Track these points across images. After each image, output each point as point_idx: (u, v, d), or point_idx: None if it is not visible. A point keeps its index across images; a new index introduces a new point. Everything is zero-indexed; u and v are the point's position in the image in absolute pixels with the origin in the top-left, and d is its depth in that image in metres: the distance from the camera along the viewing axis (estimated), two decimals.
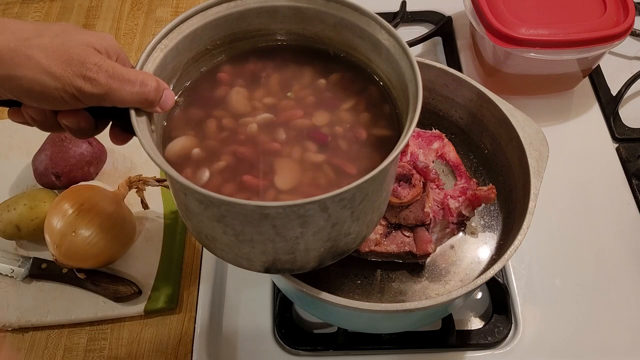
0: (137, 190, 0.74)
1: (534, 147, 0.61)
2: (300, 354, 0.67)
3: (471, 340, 0.67)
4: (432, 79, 0.68)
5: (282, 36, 0.56)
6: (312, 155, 0.49)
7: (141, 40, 1.02)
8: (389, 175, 0.49)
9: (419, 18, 1.00)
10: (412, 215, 0.60)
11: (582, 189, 0.79)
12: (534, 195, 0.57)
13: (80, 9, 1.08)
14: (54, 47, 0.42)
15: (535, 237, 0.73)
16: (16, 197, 0.74)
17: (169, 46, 0.49)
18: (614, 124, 0.85)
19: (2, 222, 0.72)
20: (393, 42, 0.49)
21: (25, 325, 0.70)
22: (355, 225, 0.48)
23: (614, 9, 0.78)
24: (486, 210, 0.66)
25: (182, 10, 1.08)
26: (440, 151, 0.67)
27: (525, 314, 0.69)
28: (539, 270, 0.72)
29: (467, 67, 0.93)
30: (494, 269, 0.53)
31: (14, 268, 0.72)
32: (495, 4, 0.78)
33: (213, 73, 0.55)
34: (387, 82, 0.53)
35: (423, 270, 0.62)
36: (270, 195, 0.46)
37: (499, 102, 0.64)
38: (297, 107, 0.52)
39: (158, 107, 0.46)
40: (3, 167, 0.83)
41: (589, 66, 0.84)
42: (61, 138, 0.77)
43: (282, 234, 0.44)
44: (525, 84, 0.86)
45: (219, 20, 0.52)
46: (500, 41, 0.76)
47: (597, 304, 0.70)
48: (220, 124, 0.51)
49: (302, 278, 0.53)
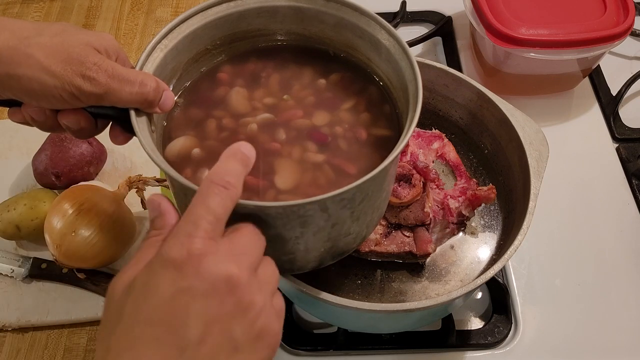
0: (137, 190, 0.74)
1: (534, 147, 0.61)
2: (300, 354, 0.67)
3: (471, 340, 0.67)
4: (432, 79, 0.68)
5: (282, 36, 0.56)
6: (312, 155, 0.49)
7: (141, 40, 1.02)
8: (389, 175, 0.49)
9: (419, 18, 1.00)
10: (412, 215, 0.60)
11: (582, 189, 0.79)
12: (534, 195, 0.57)
13: (80, 9, 1.08)
14: (53, 46, 0.42)
15: (535, 237, 0.73)
16: (16, 197, 0.74)
17: (169, 46, 0.49)
18: (614, 124, 0.85)
19: (2, 222, 0.72)
20: (393, 42, 0.49)
21: (25, 325, 0.70)
22: (355, 225, 0.48)
23: (614, 9, 0.78)
24: (486, 210, 0.66)
25: (182, 10, 1.08)
26: (440, 151, 0.67)
27: (525, 314, 0.69)
28: (539, 270, 0.72)
29: (467, 67, 0.93)
30: (494, 269, 0.53)
31: (14, 268, 0.72)
32: (495, 4, 0.78)
33: (213, 73, 0.55)
34: (387, 82, 0.53)
35: (423, 270, 0.62)
36: (270, 195, 0.46)
37: (499, 102, 0.64)
38: (297, 107, 0.52)
39: (157, 108, 0.46)
40: (3, 167, 0.83)
41: (589, 66, 0.84)
42: (61, 138, 0.77)
43: (282, 234, 0.44)
44: (525, 84, 0.86)
45: (219, 20, 0.52)
46: (500, 41, 0.76)
47: (597, 304, 0.70)
48: (220, 124, 0.51)
49: (302, 278, 0.53)
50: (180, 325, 0.33)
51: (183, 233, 0.35)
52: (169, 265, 0.34)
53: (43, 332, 0.70)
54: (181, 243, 0.34)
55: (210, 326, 0.34)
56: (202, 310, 0.34)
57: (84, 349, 0.69)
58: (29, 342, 0.70)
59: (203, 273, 0.34)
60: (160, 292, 0.34)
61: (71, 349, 0.69)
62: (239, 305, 0.35)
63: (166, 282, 0.34)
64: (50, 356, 0.69)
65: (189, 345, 0.33)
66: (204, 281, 0.34)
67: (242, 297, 0.35)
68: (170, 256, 0.34)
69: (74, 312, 0.70)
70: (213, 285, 0.34)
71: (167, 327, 0.33)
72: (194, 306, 0.34)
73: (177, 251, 0.34)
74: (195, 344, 0.33)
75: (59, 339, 0.70)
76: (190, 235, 0.35)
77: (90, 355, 0.69)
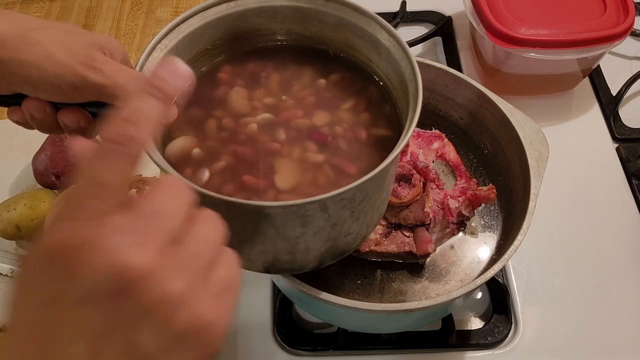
0: (137, 190, 0.74)
1: (534, 147, 0.61)
2: (300, 354, 0.67)
3: (471, 340, 0.66)
4: (432, 79, 0.68)
5: (282, 36, 0.56)
6: (312, 155, 0.49)
7: (141, 40, 1.02)
8: (389, 175, 0.49)
9: (419, 18, 1.00)
10: (412, 215, 0.60)
11: (582, 189, 0.79)
12: (534, 195, 0.57)
13: (80, 9, 1.08)
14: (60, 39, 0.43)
15: (535, 237, 0.73)
16: (16, 197, 0.73)
17: (169, 46, 0.49)
18: (614, 124, 0.85)
19: (2, 222, 0.72)
20: (393, 42, 0.49)
21: None
22: (355, 225, 0.48)
23: (614, 9, 0.78)
24: (486, 210, 0.66)
25: (182, 10, 1.08)
26: (440, 151, 0.67)
27: (525, 314, 0.69)
28: (539, 270, 0.72)
29: (467, 67, 0.93)
30: (494, 269, 0.53)
31: (14, 268, 0.72)
32: (495, 4, 0.78)
33: (213, 73, 0.55)
34: (387, 82, 0.53)
35: (423, 270, 0.62)
36: (270, 195, 0.46)
37: (499, 102, 0.64)
38: (297, 107, 0.52)
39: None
40: (3, 167, 0.83)
41: (589, 66, 0.84)
42: (61, 138, 0.77)
43: (282, 234, 0.44)
44: (525, 84, 0.86)
45: (219, 20, 0.52)
46: (500, 41, 0.76)
47: (597, 304, 0.70)
48: (220, 124, 0.51)
49: (302, 278, 0.53)
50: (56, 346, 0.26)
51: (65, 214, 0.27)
52: (44, 259, 0.26)
53: None
54: (58, 229, 0.26)
55: (100, 340, 0.26)
56: (83, 322, 0.26)
57: None
58: None
59: (80, 271, 0.25)
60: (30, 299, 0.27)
61: None
62: (140, 306, 0.26)
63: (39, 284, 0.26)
64: None
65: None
66: (83, 284, 0.26)
67: (143, 294, 0.26)
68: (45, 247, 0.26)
69: None
70: (96, 286, 0.26)
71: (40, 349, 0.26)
72: (69, 318, 0.26)
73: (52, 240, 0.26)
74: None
75: None
76: (70, 217, 0.27)
77: None
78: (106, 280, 0.26)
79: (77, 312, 0.26)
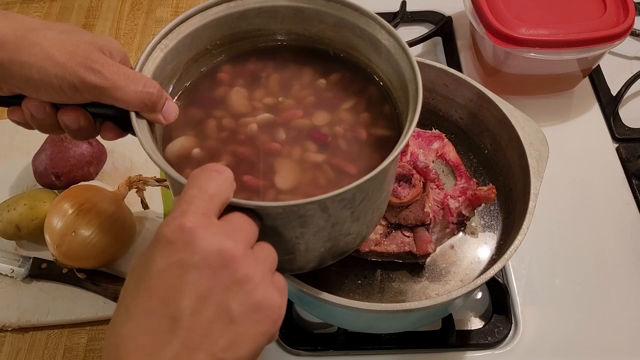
0: (137, 190, 0.74)
1: (534, 147, 0.61)
2: (300, 354, 0.67)
3: (471, 340, 0.67)
4: (432, 79, 0.68)
5: (282, 36, 0.56)
6: (312, 155, 0.49)
7: (141, 40, 1.02)
8: (389, 175, 0.49)
9: (419, 18, 1.00)
10: (412, 215, 0.60)
11: (582, 189, 0.79)
12: (534, 195, 0.57)
13: (80, 9, 1.08)
14: (60, 39, 0.43)
15: (535, 237, 0.73)
16: (16, 197, 0.73)
17: (169, 46, 0.49)
18: (614, 124, 0.85)
19: (2, 222, 0.72)
20: (393, 42, 0.49)
21: (25, 325, 0.70)
22: (355, 225, 0.48)
23: (614, 9, 0.78)
24: (486, 210, 0.66)
25: (182, 10, 1.08)
26: (440, 151, 0.67)
27: (525, 314, 0.69)
28: (539, 270, 0.72)
29: (467, 67, 0.93)
30: (494, 269, 0.53)
31: (14, 268, 0.72)
32: (495, 4, 0.78)
33: (213, 73, 0.55)
34: (387, 82, 0.53)
35: (423, 270, 0.62)
36: (271, 195, 0.46)
37: (499, 102, 0.64)
38: (297, 107, 0.52)
39: (161, 116, 0.46)
40: (3, 167, 0.83)
41: (589, 66, 0.84)
42: (61, 138, 0.77)
43: (282, 234, 0.44)
44: (525, 84, 0.86)
45: (219, 20, 0.52)
46: (500, 41, 0.76)
47: (597, 304, 0.70)
48: (220, 124, 0.51)
49: (302, 278, 0.53)
50: (172, 297, 0.34)
51: (177, 210, 0.36)
52: (162, 239, 0.35)
53: (43, 332, 0.70)
54: (174, 219, 0.36)
55: (203, 298, 0.34)
56: (195, 282, 0.34)
57: (84, 349, 0.69)
58: (29, 342, 0.70)
59: (195, 246, 0.35)
60: (155, 266, 0.35)
61: (71, 349, 0.69)
62: (234, 278, 0.35)
63: (160, 255, 0.35)
64: (50, 356, 0.69)
65: (182, 316, 0.34)
66: (196, 254, 0.35)
67: (237, 269, 0.36)
68: (163, 231, 0.35)
69: (74, 312, 0.70)
70: (205, 257, 0.35)
71: (161, 299, 0.34)
72: (186, 278, 0.34)
73: (170, 226, 0.35)
74: (189, 315, 0.34)
75: (59, 339, 0.70)
76: (183, 212, 0.36)
77: (91, 355, 0.69)
78: (212, 253, 0.35)
79: (190, 275, 0.34)
